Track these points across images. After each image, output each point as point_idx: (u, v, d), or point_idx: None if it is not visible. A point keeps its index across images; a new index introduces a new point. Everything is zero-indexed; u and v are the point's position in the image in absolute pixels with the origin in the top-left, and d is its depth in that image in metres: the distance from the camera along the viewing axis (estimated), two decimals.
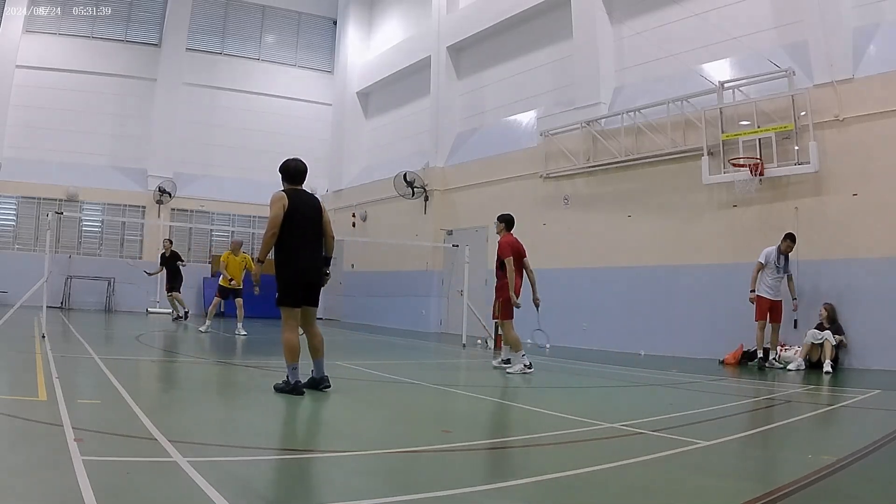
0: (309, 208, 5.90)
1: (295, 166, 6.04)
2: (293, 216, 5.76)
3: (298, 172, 6.01)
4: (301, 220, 5.82)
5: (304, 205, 5.87)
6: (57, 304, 18.02)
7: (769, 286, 9.69)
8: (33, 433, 3.89)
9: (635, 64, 13.29)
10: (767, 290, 9.68)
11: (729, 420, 5.72)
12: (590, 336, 12.73)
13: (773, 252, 9.69)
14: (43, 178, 19.02)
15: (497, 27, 16.47)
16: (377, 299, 19.15)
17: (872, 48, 9.74)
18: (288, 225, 5.75)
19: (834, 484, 3.44)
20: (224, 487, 2.86)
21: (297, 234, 5.80)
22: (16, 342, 8.89)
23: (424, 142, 18.60)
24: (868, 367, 9.10)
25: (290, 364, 5.80)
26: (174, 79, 20.89)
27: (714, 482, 3.55)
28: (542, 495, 3.20)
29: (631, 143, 12.43)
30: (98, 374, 6.59)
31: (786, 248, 9.71)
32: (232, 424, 4.64)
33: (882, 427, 5.10)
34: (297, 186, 6.03)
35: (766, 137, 10.25)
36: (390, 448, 4.08)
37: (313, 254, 5.94)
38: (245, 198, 21.27)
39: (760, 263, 9.71)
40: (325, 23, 23.67)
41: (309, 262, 5.89)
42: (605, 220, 13.02)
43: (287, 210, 5.75)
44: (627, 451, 4.14)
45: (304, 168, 6.07)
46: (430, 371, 9.29)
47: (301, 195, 5.96)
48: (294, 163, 6.08)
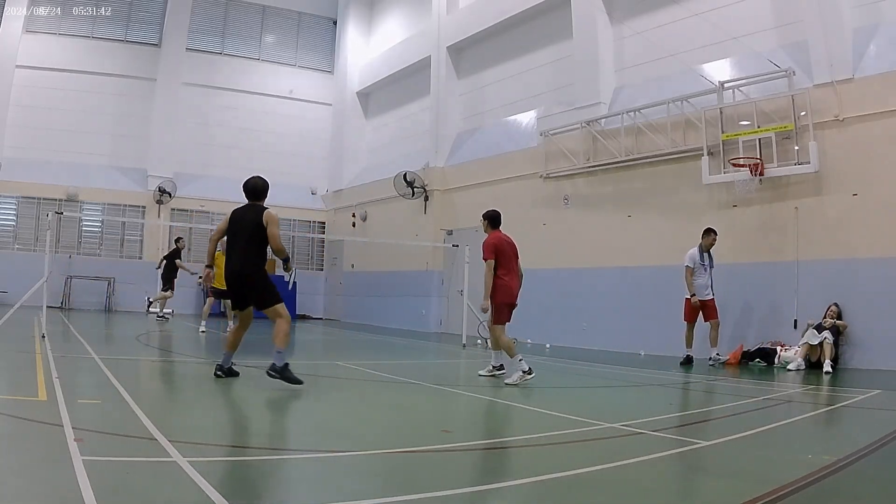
0: (245, 222, 6.57)
1: (247, 184, 6.84)
2: (230, 229, 6.67)
3: (248, 190, 6.80)
4: (232, 233, 6.64)
5: (240, 219, 6.62)
6: (57, 304, 18.02)
7: (699, 286, 9.92)
8: (33, 433, 3.89)
9: (635, 64, 13.28)
10: (698, 290, 9.89)
11: (729, 420, 5.73)
12: (590, 336, 12.72)
13: (695, 252, 9.97)
14: (43, 178, 19.00)
15: (497, 27, 16.46)
16: (377, 299, 19.16)
17: (872, 48, 9.74)
18: (228, 237, 6.71)
19: (834, 484, 3.44)
20: (224, 487, 2.86)
21: (228, 244, 6.73)
22: (16, 342, 8.89)
23: (424, 142, 18.60)
24: (868, 367, 9.09)
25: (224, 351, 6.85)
26: (174, 79, 20.87)
27: (714, 482, 3.55)
28: (542, 495, 3.20)
29: (631, 143, 12.43)
30: (98, 374, 6.59)
31: (708, 245, 9.98)
32: (232, 424, 4.64)
33: (882, 427, 5.10)
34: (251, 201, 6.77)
35: (766, 137, 10.24)
36: (390, 448, 4.08)
37: (235, 262, 6.52)
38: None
39: (689, 268, 9.92)
40: (325, 23, 23.67)
41: (230, 268, 6.56)
42: (605, 220, 13.02)
43: (227, 225, 6.73)
44: (627, 451, 4.14)
45: (251, 186, 6.78)
46: (430, 371, 9.29)
47: (244, 210, 6.71)
48: (248, 181, 6.86)
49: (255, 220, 6.46)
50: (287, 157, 22.22)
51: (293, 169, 22.17)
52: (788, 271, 10.18)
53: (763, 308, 10.48)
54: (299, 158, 22.47)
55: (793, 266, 10.07)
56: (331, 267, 22.76)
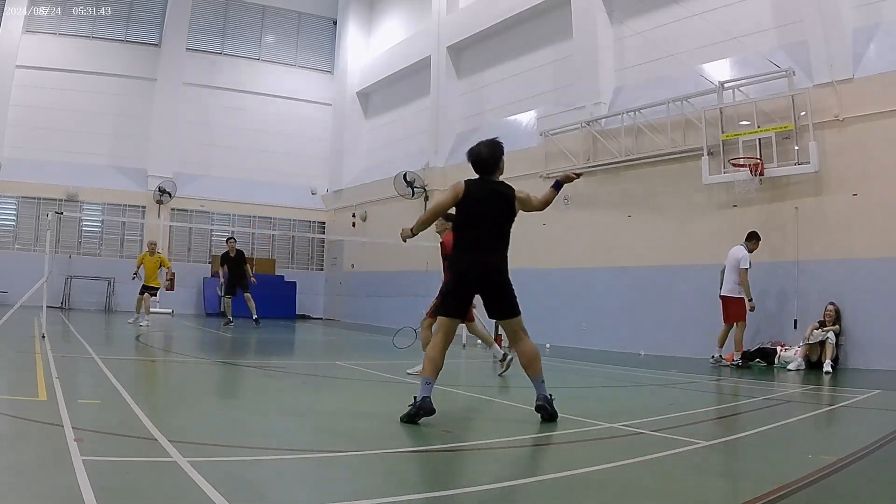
0: (493, 202, 5.00)
1: (475, 154, 5.04)
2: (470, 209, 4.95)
3: (481, 160, 5.01)
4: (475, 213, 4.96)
5: (485, 197, 4.97)
6: (57, 304, 18.03)
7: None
8: (33, 433, 3.89)
9: (635, 64, 13.29)
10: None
11: (729, 420, 5.73)
12: (590, 336, 12.73)
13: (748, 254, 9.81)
14: (43, 178, 19.00)
15: (497, 27, 16.47)
16: (377, 299, 19.16)
17: (872, 48, 9.74)
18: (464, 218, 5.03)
19: (834, 484, 3.44)
20: (224, 487, 2.86)
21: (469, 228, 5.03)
22: (16, 342, 8.88)
23: (424, 142, 18.60)
24: (868, 367, 9.09)
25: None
26: (174, 79, 20.87)
27: (714, 482, 3.55)
28: (543, 495, 3.20)
29: (631, 143, 12.43)
30: (98, 374, 6.58)
31: (753, 248, 9.86)
32: (232, 424, 4.64)
33: (882, 427, 5.09)
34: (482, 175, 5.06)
35: (766, 137, 10.24)
36: (390, 448, 4.08)
37: (486, 254, 4.95)
38: (245, 198, 21.29)
39: (747, 270, 9.72)
40: (325, 23, 23.67)
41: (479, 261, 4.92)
42: (605, 220, 13.02)
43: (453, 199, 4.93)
44: (627, 451, 4.14)
45: (479, 155, 5.03)
46: None
47: (481, 185, 5.01)
48: (474, 150, 5.06)
49: (507, 201, 5.01)
50: (287, 157, 22.24)
51: (293, 169, 22.19)
52: (788, 271, 10.18)
53: (763, 308, 10.48)
54: (299, 158, 22.48)
55: (793, 266, 10.07)
56: (331, 267, 22.76)
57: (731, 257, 9.82)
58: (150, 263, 14.10)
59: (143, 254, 14.53)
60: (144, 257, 14.26)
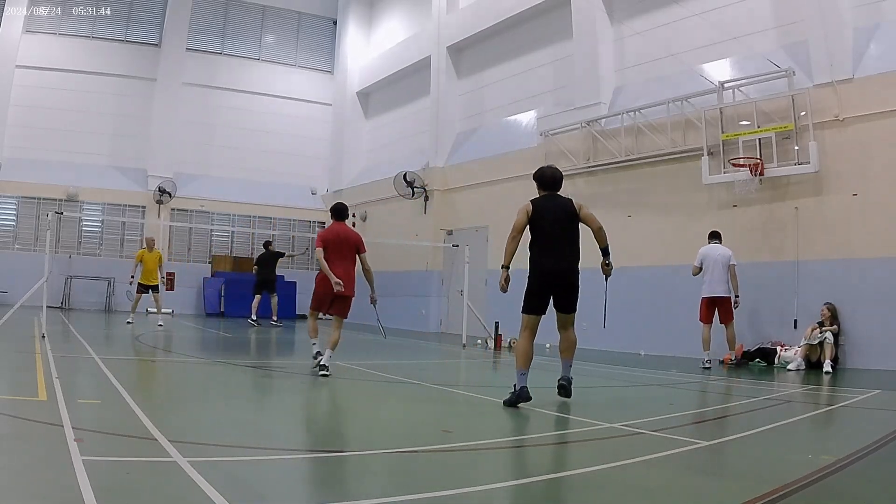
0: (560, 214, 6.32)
1: (546, 176, 6.33)
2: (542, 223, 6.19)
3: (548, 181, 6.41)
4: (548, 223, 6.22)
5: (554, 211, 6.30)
6: (57, 304, 18.02)
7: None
8: (33, 433, 3.89)
9: (635, 64, 13.28)
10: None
11: (729, 420, 5.73)
12: (590, 336, 12.68)
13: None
14: (43, 178, 18.99)
15: (497, 27, 16.46)
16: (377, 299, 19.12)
17: (872, 48, 9.73)
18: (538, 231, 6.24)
19: (834, 484, 3.44)
20: (224, 487, 2.86)
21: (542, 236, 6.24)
22: (16, 342, 8.89)
23: (424, 142, 18.59)
24: (868, 367, 9.09)
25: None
26: (174, 79, 20.86)
27: (714, 482, 3.55)
28: (543, 495, 3.20)
29: (631, 143, 12.42)
30: (98, 374, 6.59)
31: None
32: (232, 424, 4.64)
33: (882, 427, 5.09)
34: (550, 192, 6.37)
35: (766, 137, 10.24)
36: (390, 448, 4.08)
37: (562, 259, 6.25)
38: (245, 198, 21.28)
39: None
40: (325, 23, 23.66)
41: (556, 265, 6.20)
42: (605, 220, 12.77)
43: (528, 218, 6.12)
44: (627, 451, 4.14)
45: (552, 177, 6.40)
46: (430, 371, 9.30)
47: (550, 201, 6.31)
48: (546, 172, 6.38)
49: (571, 211, 6.16)
50: (287, 157, 22.23)
51: (293, 169, 22.18)
52: (788, 271, 10.17)
53: (763, 308, 10.48)
54: (299, 158, 22.46)
55: (793, 266, 10.07)
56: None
57: (719, 256, 9.82)
58: (150, 259, 13.81)
59: (142, 251, 14.27)
60: (143, 254, 14.03)
